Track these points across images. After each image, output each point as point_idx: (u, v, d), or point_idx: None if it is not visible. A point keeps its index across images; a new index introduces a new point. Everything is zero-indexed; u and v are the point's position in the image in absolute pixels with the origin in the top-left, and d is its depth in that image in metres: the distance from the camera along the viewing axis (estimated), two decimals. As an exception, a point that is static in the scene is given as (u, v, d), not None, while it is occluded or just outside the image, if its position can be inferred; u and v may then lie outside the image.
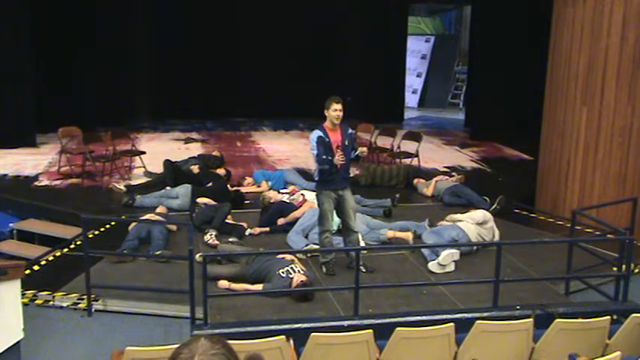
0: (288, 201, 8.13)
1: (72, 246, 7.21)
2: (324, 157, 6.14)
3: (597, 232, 7.54)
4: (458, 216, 7.39)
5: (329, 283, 6.27)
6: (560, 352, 4.49)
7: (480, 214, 7.36)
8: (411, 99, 19.11)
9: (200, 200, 8.14)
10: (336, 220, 6.70)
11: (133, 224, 7.10)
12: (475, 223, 7.17)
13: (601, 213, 7.32)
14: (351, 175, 7.41)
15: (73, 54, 12.69)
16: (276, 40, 15.33)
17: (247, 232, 7.53)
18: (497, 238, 7.22)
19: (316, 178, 6.41)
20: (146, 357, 4.05)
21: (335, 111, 6.22)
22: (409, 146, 10.97)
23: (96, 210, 8.28)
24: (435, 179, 9.46)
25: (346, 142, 6.27)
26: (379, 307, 5.78)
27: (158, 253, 6.69)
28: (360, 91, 15.42)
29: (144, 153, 10.52)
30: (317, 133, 6.23)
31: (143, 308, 5.85)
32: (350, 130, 6.43)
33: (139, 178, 9.93)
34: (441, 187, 9.15)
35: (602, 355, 4.38)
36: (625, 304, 5.73)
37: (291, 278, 5.88)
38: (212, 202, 8.09)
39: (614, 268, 6.17)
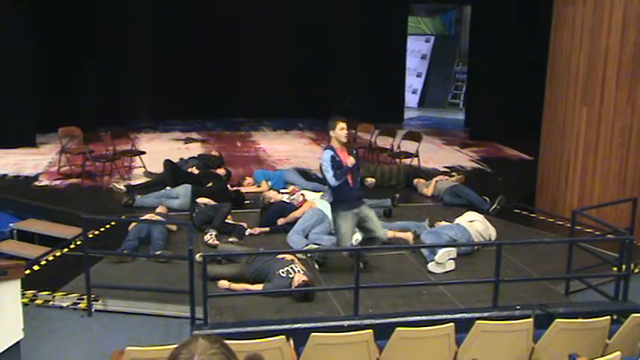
0: (288, 201, 8.13)
1: (72, 246, 7.21)
2: (338, 172, 6.07)
3: (597, 232, 7.54)
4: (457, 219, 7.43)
5: (329, 283, 6.27)
6: (560, 352, 4.49)
7: (468, 214, 7.44)
8: (411, 99, 19.11)
9: (200, 200, 8.14)
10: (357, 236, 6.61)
11: (133, 224, 7.10)
12: (468, 222, 7.20)
13: (601, 213, 7.31)
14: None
15: (74, 54, 12.68)
16: (276, 39, 15.34)
17: (247, 232, 7.53)
18: (493, 236, 7.22)
19: (331, 200, 6.29)
20: (146, 357, 4.05)
21: (342, 129, 6.14)
22: (409, 146, 10.97)
23: (96, 210, 8.28)
24: (435, 179, 9.46)
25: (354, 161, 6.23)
26: (379, 307, 5.78)
27: (158, 253, 6.68)
28: (360, 91, 15.44)
29: (144, 153, 10.52)
30: (329, 152, 6.12)
31: (143, 308, 5.85)
32: (354, 150, 6.37)
33: (139, 178, 9.94)
34: (441, 187, 9.16)
35: (602, 355, 4.38)
36: (625, 304, 5.72)
37: (292, 278, 5.88)
38: (212, 202, 8.09)
39: (614, 268, 6.17)
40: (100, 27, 13.32)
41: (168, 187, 8.79)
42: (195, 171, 9.48)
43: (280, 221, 7.71)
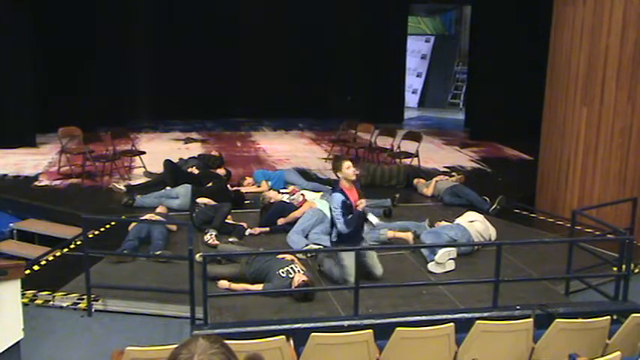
0: (288, 201, 8.13)
1: (72, 246, 7.21)
2: (350, 218, 5.98)
3: (597, 232, 7.54)
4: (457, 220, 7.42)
5: (329, 283, 6.26)
6: (560, 352, 4.49)
7: (468, 214, 7.44)
8: (411, 99, 19.11)
9: (200, 200, 8.14)
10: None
11: (133, 224, 7.10)
12: (468, 222, 7.20)
13: (601, 213, 7.31)
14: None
15: (74, 54, 12.68)
16: (277, 39, 15.34)
17: (247, 232, 7.53)
18: (493, 236, 7.22)
19: (334, 239, 6.22)
20: (146, 357, 4.05)
21: (349, 168, 6.09)
22: (409, 146, 10.96)
23: (96, 210, 8.28)
24: (435, 179, 9.46)
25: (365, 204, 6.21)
26: (379, 307, 5.78)
27: (158, 253, 6.68)
28: (360, 91, 15.45)
29: (144, 153, 10.52)
30: (340, 197, 5.99)
31: (143, 308, 5.85)
32: (357, 184, 6.31)
33: (139, 178, 9.94)
34: (441, 187, 9.16)
35: (602, 355, 4.38)
36: (625, 304, 5.72)
37: (292, 278, 5.88)
38: (212, 202, 8.08)
39: (614, 268, 6.17)
40: (100, 27, 13.31)
41: (168, 187, 8.79)
42: (195, 171, 9.48)
43: (280, 221, 7.71)
